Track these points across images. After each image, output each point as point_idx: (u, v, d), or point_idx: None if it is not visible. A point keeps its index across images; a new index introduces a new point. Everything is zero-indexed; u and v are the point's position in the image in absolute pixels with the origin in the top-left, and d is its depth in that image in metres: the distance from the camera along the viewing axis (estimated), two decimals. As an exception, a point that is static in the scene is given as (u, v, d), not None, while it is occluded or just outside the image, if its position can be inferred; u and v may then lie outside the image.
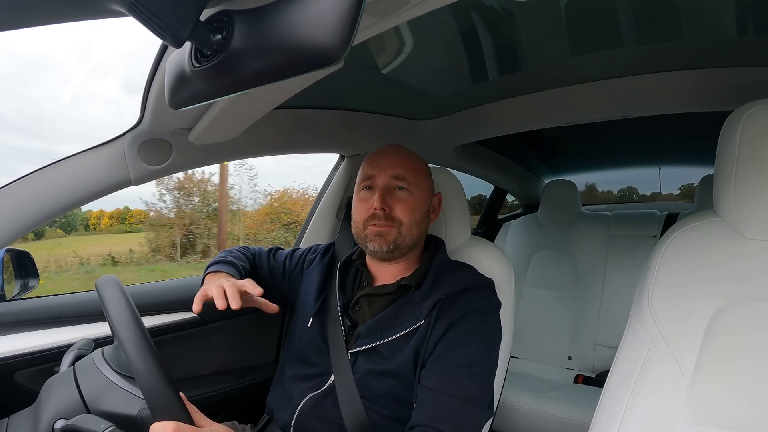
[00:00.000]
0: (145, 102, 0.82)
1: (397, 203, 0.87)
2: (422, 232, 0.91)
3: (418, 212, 0.88)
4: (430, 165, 0.97)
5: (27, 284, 1.02)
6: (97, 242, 9.44)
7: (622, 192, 3.27)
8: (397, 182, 0.88)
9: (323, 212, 1.48)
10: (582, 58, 1.13)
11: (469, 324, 0.79)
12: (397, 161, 0.89)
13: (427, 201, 0.92)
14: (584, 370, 1.84)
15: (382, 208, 0.85)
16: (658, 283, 0.71)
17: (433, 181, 0.96)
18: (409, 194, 0.88)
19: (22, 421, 0.67)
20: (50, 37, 15.75)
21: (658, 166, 2.81)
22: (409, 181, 0.88)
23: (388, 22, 0.57)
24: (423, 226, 0.90)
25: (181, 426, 0.55)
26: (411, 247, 0.89)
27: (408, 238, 0.87)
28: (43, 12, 0.37)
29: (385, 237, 0.86)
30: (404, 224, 0.86)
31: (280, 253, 1.11)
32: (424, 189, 0.91)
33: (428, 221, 0.93)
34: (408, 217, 0.87)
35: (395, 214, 0.86)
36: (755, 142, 0.65)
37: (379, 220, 0.86)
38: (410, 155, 0.92)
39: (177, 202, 9.10)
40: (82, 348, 0.80)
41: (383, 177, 0.88)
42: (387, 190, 0.88)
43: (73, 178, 0.88)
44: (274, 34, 0.37)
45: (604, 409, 0.71)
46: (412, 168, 0.89)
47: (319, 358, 0.88)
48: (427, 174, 0.93)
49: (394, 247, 0.86)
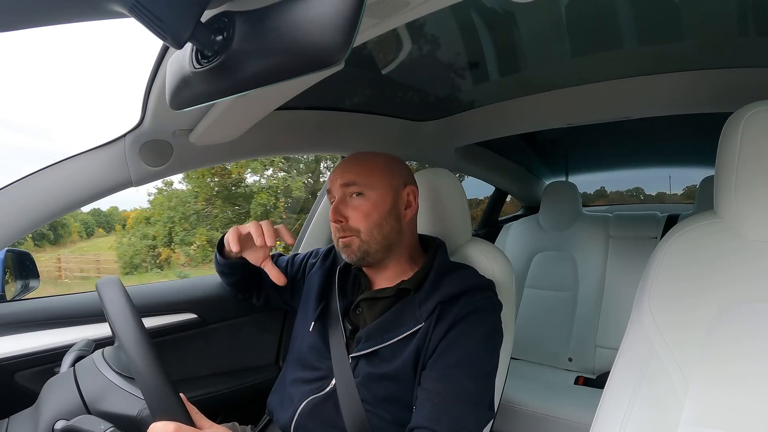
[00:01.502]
0: (146, 103, 0.82)
1: (351, 211, 0.86)
2: (389, 232, 0.87)
3: (376, 214, 0.86)
4: (428, 166, 0.97)
5: (27, 285, 1.02)
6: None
7: (629, 192, 3.29)
8: (348, 189, 0.87)
9: (323, 215, 1.49)
10: (582, 59, 1.13)
11: (470, 325, 0.79)
12: (347, 168, 0.88)
13: (389, 199, 0.87)
14: (585, 372, 1.84)
15: (337, 220, 0.86)
16: (659, 284, 0.71)
17: (404, 175, 0.92)
18: (363, 198, 0.86)
19: (22, 421, 0.67)
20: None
21: (658, 167, 2.82)
22: (360, 185, 0.86)
23: (389, 24, 0.57)
24: (388, 226, 0.87)
25: (182, 427, 0.55)
26: (384, 249, 0.87)
27: (373, 243, 0.86)
28: (44, 13, 0.37)
29: (350, 247, 0.86)
30: (362, 231, 0.85)
31: (281, 260, 1.10)
32: (381, 187, 0.87)
33: (397, 219, 0.88)
34: (364, 223, 0.85)
35: (351, 224, 0.86)
36: (756, 144, 0.65)
37: (341, 232, 0.86)
38: (364, 158, 0.90)
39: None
40: (82, 349, 0.80)
41: (336, 188, 0.88)
42: (341, 200, 0.87)
43: (74, 178, 0.88)
44: (274, 35, 0.37)
45: (605, 410, 0.71)
46: (363, 171, 0.87)
47: (320, 362, 0.88)
48: (384, 171, 0.88)
49: (363, 254, 0.86)
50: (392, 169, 0.90)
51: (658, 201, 3.01)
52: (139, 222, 11.55)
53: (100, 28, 19.38)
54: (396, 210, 0.88)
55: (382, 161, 0.90)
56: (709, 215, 0.72)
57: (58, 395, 0.67)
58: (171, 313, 1.12)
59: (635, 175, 3.03)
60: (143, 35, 0.39)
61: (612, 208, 2.58)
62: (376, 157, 0.91)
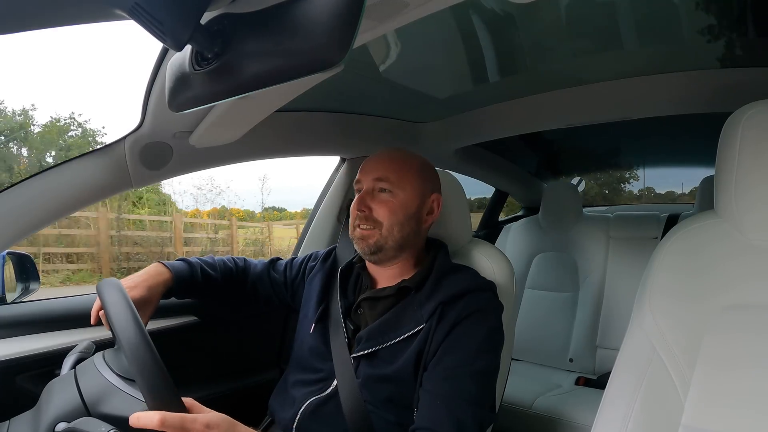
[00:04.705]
0: (146, 105, 0.82)
1: (377, 204, 0.87)
2: (408, 233, 0.88)
3: (401, 213, 0.86)
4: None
5: (28, 287, 1.02)
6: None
7: (641, 191, 3.34)
8: (379, 184, 0.87)
9: (324, 215, 1.48)
10: (582, 59, 1.13)
11: (471, 327, 0.79)
12: (382, 164, 0.89)
13: (416, 202, 0.89)
14: (586, 372, 1.84)
15: (361, 209, 0.86)
16: (659, 284, 0.71)
17: (433, 182, 0.94)
18: (391, 195, 0.87)
19: (23, 424, 0.67)
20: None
21: (658, 167, 2.83)
22: (392, 182, 0.87)
23: (388, 25, 0.57)
24: (408, 227, 0.88)
25: (167, 415, 0.54)
26: (397, 248, 0.88)
27: (390, 239, 0.86)
28: (45, 16, 0.37)
29: (366, 240, 0.86)
30: (384, 225, 0.86)
31: (279, 264, 1.10)
32: (411, 190, 0.88)
33: (418, 223, 0.90)
34: (388, 219, 0.86)
35: (375, 215, 0.86)
36: (756, 143, 0.65)
37: (362, 221, 0.86)
38: (399, 157, 0.91)
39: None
40: (83, 351, 0.80)
41: (367, 180, 0.89)
42: (369, 192, 0.88)
43: (75, 181, 0.88)
44: (274, 37, 0.37)
45: (606, 411, 0.71)
46: (397, 169, 0.88)
47: (321, 364, 0.88)
48: (417, 175, 0.90)
49: (377, 249, 0.86)
50: (425, 174, 0.92)
51: (668, 199, 3.06)
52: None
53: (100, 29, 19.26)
54: (419, 214, 0.90)
55: (417, 165, 0.91)
56: (710, 215, 0.72)
57: (58, 397, 0.67)
58: (171, 315, 1.11)
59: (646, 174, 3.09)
60: (143, 37, 0.39)
61: (612, 209, 2.58)
62: (412, 158, 0.92)
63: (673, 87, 1.18)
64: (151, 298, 0.88)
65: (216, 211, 9.42)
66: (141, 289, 0.86)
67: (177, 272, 0.94)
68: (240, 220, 9.62)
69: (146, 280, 0.89)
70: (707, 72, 1.13)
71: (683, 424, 0.63)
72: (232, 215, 9.23)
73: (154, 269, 0.93)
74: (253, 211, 11.11)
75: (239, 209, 10.17)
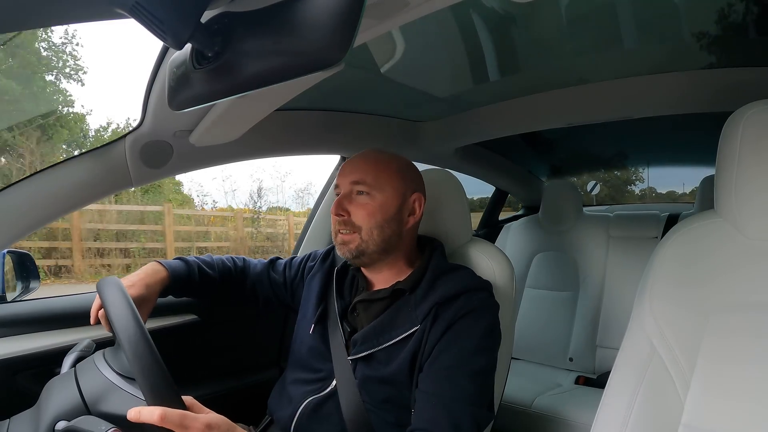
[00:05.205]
0: (146, 104, 0.82)
1: (355, 207, 0.85)
2: (390, 236, 0.86)
3: (380, 216, 0.85)
4: (429, 166, 0.97)
5: (28, 286, 1.02)
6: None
7: (643, 191, 3.37)
8: (356, 187, 0.86)
9: (324, 215, 1.48)
10: (583, 59, 1.13)
11: (466, 326, 0.79)
12: (359, 166, 0.87)
13: (395, 203, 0.87)
14: (585, 372, 1.84)
15: (339, 213, 0.85)
16: (659, 284, 0.71)
17: (414, 182, 0.91)
18: (369, 198, 0.85)
19: (23, 422, 0.67)
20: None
21: (659, 167, 2.83)
22: (369, 185, 0.85)
23: (389, 24, 0.57)
24: (389, 229, 0.86)
25: (168, 410, 0.54)
26: (380, 251, 0.86)
27: (371, 243, 0.85)
28: (46, 14, 0.37)
29: (348, 245, 0.85)
30: (363, 229, 0.84)
31: (279, 264, 1.10)
32: (390, 191, 0.86)
33: (400, 224, 0.88)
34: (367, 222, 0.84)
35: (354, 219, 0.85)
36: (756, 143, 0.65)
37: (341, 226, 0.86)
38: (376, 158, 0.88)
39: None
40: (83, 349, 0.80)
41: (345, 183, 0.87)
42: (347, 195, 0.87)
43: (75, 179, 0.88)
44: (274, 36, 0.37)
45: (606, 410, 0.71)
46: (374, 171, 0.86)
47: (320, 364, 0.88)
48: (395, 176, 0.87)
49: (359, 253, 0.85)
50: (404, 174, 0.90)
51: (669, 198, 3.09)
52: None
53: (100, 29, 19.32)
54: (399, 216, 0.88)
55: (396, 165, 0.89)
56: (710, 215, 0.72)
57: (58, 396, 0.67)
58: (172, 314, 1.12)
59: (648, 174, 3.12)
60: (143, 36, 0.39)
61: (612, 208, 2.58)
62: (391, 159, 0.90)
63: (674, 86, 1.18)
64: (149, 297, 0.89)
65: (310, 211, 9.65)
66: (139, 287, 0.86)
67: (174, 271, 0.95)
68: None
69: (144, 279, 0.89)
70: (707, 72, 1.13)
71: (683, 423, 0.63)
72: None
73: (151, 268, 0.93)
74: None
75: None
